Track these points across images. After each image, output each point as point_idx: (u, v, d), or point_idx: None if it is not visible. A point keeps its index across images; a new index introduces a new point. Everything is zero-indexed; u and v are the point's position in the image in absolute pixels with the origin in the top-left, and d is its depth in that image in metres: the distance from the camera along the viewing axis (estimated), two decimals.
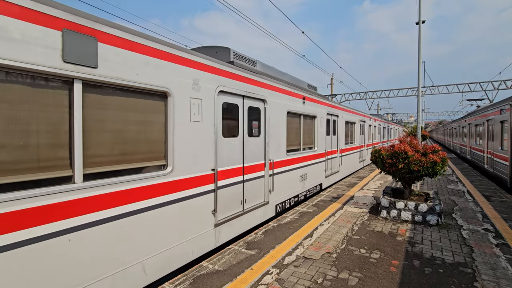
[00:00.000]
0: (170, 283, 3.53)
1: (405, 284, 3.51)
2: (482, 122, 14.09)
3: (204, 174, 4.35)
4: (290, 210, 6.95)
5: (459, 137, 23.17)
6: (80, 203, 2.77)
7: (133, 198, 3.27)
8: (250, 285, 3.48)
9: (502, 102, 11.02)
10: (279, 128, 6.58)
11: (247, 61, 6.20)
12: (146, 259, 3.42)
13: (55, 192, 2.58)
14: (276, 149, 6.43)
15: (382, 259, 4.19)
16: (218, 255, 4.36)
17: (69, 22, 2.70)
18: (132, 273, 3.26)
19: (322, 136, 9.30)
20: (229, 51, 5.75)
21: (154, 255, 3.52)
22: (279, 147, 6.57)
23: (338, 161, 11.13)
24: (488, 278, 3.62)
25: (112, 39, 3.07)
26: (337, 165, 10.97)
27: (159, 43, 3.65)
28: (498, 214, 6.36)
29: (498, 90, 24.96)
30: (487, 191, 8.97)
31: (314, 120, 8.79)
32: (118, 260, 3.12)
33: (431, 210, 5.70)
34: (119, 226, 3.13)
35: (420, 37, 12.51)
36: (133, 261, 3.27)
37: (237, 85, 5.13)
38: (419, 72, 12.84)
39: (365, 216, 6.30)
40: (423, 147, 6.16)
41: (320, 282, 3.54)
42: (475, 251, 4.45)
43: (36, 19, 2.46)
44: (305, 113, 8.03)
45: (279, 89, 6.67)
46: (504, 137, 10.46)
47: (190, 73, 4.10)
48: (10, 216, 2.32)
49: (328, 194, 8.57)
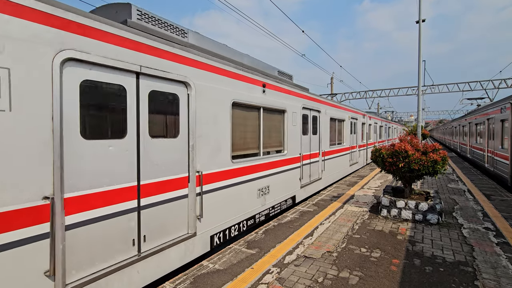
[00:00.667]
0: (171, 282, 3.54)
1: (406, 283, 3.50)
2: (483, 121, 14.08)
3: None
4: (240, 238, 5.18)
5: (459, 136, 23.16)
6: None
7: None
8: (251, 284, 3.48)
9: (503, 100, 11.01)
10: (218, 125, 4.73)
11: (164, 26, 4.21)
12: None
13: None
14: (211, 155, 4.54)
15: (383, 258, 4.19)
16: (219, 254, 4.36)
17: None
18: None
19: (296, 136, 7.44)
20: (130, 8, 3.81)
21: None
22: (218, 152, 4.69)
23: (320, 166, 9.18)
24: (489, 277, 3.62)
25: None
26: (318, 172, 9.09)
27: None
28: (498, 213, 6.36)
29: (498, 89, 24.93)
30: (488, 189, 8.96)
31: (284, 116, 6.91)
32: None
33: (432, 209, 5.70)
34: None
35: (420, 36, 12.50)
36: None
37: (120, 54, 3.20)
38: (419, 71, 12.83)
39: (365, 215, 6.30)
40: (423, 146, 6.16)
41: (321, 281, 3.54)
42: (475, 250, 4.45)
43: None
44: (267, 105, 6.13)
45: (217, 69, 4.73)
46: (505, 136, 10.46)
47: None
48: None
49: (329, 194, 8.56)
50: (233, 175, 5.09)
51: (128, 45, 3.30)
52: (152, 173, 3.59)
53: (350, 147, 12.80)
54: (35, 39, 2.49)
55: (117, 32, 3.20)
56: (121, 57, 3.21)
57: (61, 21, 2.68)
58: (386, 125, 24.05)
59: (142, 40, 3.47)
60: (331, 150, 10.29)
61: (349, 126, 12.56)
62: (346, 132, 12.19)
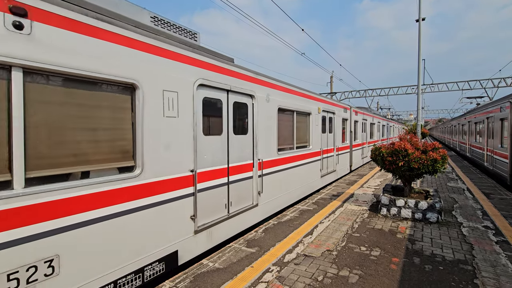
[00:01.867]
0: (171, 281, 3.54)
1: (406, 281, 3.51)
2: (482, 120, 14.09)
3: None
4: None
5: (459, 135, 23.18)
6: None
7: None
8: (251, 283, 3.49)
9: (502, 99, 11.02)
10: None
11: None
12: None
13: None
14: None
15: (382, 256, 4.19)
16: (219, 253, 4.36)
17: None
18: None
19: (162, 142, 3.83)
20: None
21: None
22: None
23: (250, 187, 5.69)
24: (488, 275, 3.63)
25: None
26: (251, 195, 5.74)
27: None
28: (498, 211, 6.37)
29: (498, 87, 24.93)
30: (487, 188, 8.98)
31: (136, 99, 3.48)
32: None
33: (431, 208, 5.71)
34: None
35: (420, 35, 12.48)
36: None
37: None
38: (419, 70, 12.82)
39: (365, 214, 6.30)
40: (423, 145, 6.16)
41: (321, 280, 3.55)
42: (475, 248, 4.46)
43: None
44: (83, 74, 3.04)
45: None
46: (504, 134, 10.47)
47: None
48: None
49: (328, 192, 8.57)
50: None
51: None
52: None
53: (320, 152, 9.31)
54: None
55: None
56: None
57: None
58: (379, 122, 21.16)
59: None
60: (279, 159, 6.72)
61: (319, 122, 9.17)
62: (314, 130, 8.79)
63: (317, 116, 9.01)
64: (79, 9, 2.85)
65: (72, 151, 2.85)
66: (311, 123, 8.57)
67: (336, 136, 10.95)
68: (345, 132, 12.38)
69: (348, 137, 12.86)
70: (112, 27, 3.12)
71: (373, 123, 18.66)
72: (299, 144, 7.88)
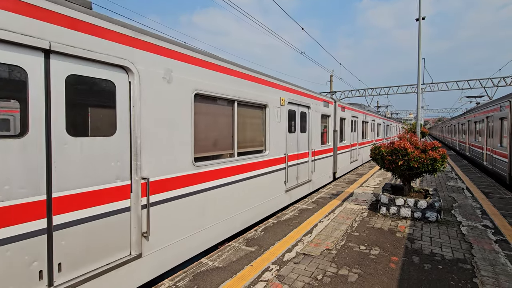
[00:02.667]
0: (170, 280, 3.54)
1: (405, 280, 3.52)
2: (482, 119, 14.10)
3: None
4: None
5: (459, 134, 23.20)
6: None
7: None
8: (250, 282, 3.49)
9: (502, 99, 11.02)
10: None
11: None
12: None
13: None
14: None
15: (382, 255, 4.20)
16: (218, 251, 4.36)
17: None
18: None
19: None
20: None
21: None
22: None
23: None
24: (487, 274, 3.63)
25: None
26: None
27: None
28: (497, 211, 6.38)
29: (497, 87, 24.94)
30: (486, 187, 8.99)
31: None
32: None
33: (431, 207, 5.71)
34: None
35: (420, 34, 12.46)
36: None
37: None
38: (418, 69, 12.81)
39: (364, 213, 6.31)
40: (422, 144, 6.17)
41: (320, 279, 3.55)
42: (474, 247, 4.47)
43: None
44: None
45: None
46: (504, 134, 10.48)
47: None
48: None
49: (328, 191, 8.58)
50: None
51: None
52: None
53: (286, 157, 7.01)
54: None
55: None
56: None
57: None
58: (374, 120, 18.59)
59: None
60: (194, 174, 4.24)
61: (283, 117, 6.90)
62: (275, 129, 6.54)
63: (280, 109, 6.70)
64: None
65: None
66: (268, 118, 6.24)
67: (312, 136, 8.61)
68: (327, 131, 10.47)
69: (331, 137, 10.62)
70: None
71: (366, 121, 16.34)
72: (245, 149, 5.64)
